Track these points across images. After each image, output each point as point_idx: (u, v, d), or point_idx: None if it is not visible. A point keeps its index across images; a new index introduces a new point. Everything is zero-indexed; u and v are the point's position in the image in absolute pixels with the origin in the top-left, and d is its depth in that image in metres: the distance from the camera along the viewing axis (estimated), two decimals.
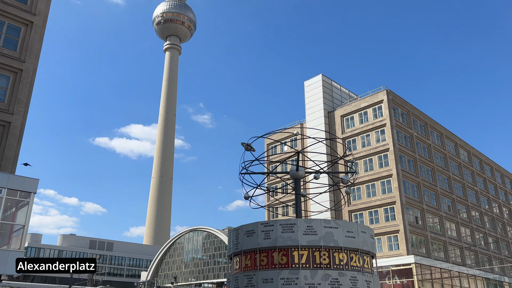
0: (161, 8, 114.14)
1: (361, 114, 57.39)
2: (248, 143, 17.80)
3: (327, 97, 61.06)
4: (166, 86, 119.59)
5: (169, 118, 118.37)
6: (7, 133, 25.79)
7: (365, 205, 53.27)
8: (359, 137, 56.64)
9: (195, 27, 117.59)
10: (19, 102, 26.67)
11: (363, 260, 17.06)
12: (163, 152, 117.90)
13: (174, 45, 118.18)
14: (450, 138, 67.22)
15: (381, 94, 55.65)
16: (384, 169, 52.78)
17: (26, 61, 27.74)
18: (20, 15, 28.42)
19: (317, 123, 59.20)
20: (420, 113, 61.34)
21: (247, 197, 20.06)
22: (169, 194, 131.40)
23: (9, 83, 27.05)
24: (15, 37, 28.21)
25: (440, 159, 62.86)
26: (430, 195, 57.39)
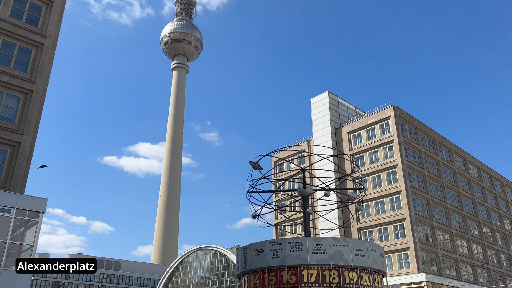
0: (169, 28, 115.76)
1: (368, 131, 57.26)
2: (256, 162, 17.81)
3: (334, 114, 61.10)
4: (173, 105, 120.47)
5: (176, 136, 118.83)
6: (17, 153, 26.05)
7: (374, 222, 52.72)
8: (367, 153, 56.40)
9: (202, 46, 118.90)
10: (29, 123, 26.99)
11: (373, 279, 16.81)
12: (171, 170, 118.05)
13: (182, 64, 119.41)
14: (458, 153, 66.71)
15: (388, 110, 55.59)
16: (392, 186, 52.36)
17: (37, 82, 28.17)
18: (31, 37, 28.98)
19: (324, 140, 59.11)
20: (428, 129, 61.08)
21: (255, 216, 19.97)
22: (176, 212, 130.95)
23: (19, 103, 27.43)
24: (26, 59, 28.72)
25: (449, 175, 62.30)
26: (440, 212, 56.71)
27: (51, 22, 30.26)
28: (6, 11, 28.73)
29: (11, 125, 26.60)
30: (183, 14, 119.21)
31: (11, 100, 27.31)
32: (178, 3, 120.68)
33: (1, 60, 27.66)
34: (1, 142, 25.82)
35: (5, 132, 26.04)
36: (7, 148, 26.09)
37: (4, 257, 21.42)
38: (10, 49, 28.27)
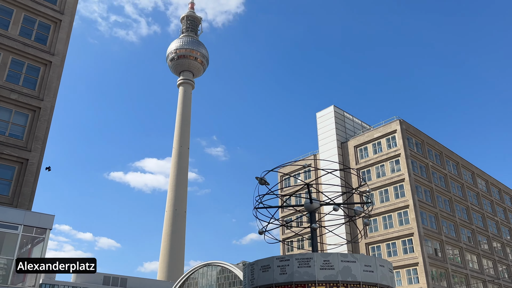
0: (175, 45, 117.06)
1: (374, 145, 57.07)
2: (262, 177, 17.78)
3: (339, 128, 61.05)
4: (179, 120, 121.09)
5: (182, 152, 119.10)
6: (25, 169, 26.22)
7: (382, 237, 52.17)
8: (374, 167, 56.12)
9: (208, 62, 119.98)
10: (36, 139, 27.21)
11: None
12: (177, 185, 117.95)
13: (188, 80, 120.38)
14: (466, 167, 66.18)
15: (394, 124, 55.47)
16: (400, 200, 51.93)
17: (44, 99, 28.48)
18: (39, 55, 29.42)
19: (330, 154, 58.96)
20: (435, 143, 60.79)
21: (262, 232, 19.86)
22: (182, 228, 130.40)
23: (27, 121, 27.72)
24: (34, 77, 29.11)
25: (457, 188, 61.73)
26: (449, 226, 56.05)
27: (60, 40, 30.73)
28: (16, 30, 29.25)
29: (19, 142, 26.83)
30: (189, 30, 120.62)
31: (20, 117, 27.61)
32: (184, 20, 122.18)
33: (10, 78, 28.05)
34: (9, 159, 26.03)
35: (13, 149, 26.26)
36: (15, 165, 26.29)
37: (11, 274, 21.39)
38: (19, 67, 28.69)
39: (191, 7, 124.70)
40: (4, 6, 29.42)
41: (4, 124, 26.93)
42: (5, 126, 26.95)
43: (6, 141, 26.37)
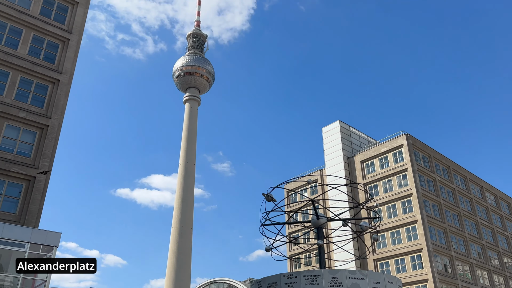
0: (181, 62, 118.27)
1: (381, 159, 56.82)
2: (269, 194, 17.71)
3: (346, 143, 60.92)
4: (186, 136, 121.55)
5: (188, 168, 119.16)
6: (32, 187, 26.34)
7: (391, 253, 51.52)
8: (381, 182, 55.75)
9: (214, 78, 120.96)
10: (44, 157, 27.39)
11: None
12: (183, 201, 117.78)
13: (194, 97, 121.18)
14: (474, 181, 65.57)
15: (400, 139, 55.28)
16: (408, 215, 51.41)
17: (52, 117, 28.75)
18: (47, 74, 29.82)
19: (337, 169, 58.72)
20: (442, 157, 60.41)
21: (269, 249, 19.70)
22: (189, 244, 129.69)
23: (35, 138, 27.95)
24: (42, 95, 29.45)
25: (466, 203, 61.07)
26: (458, 242, 55.29)
27: (67, 59, 31.17)
28: (25, 50, 29.73)
29: (26, 160, 27.02)
30: (195, 48, 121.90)
31: (28, 135, 27.87)
32: (190, 37, 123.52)
33: (19, 96, 28.41)
34: (17, 177, 26.19)
35: (21, 166, 26.43)
36: (22, 182, 26.43)
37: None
38: (27, 86, 29.07)
39: (196, 25, 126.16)
40: (14, 26, 29.98)
41: (12, 142, 27.17)
42: (13, 144, 27.18)
43: (14, 158, 26.57)
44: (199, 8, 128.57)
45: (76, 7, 33.41)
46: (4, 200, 25.72)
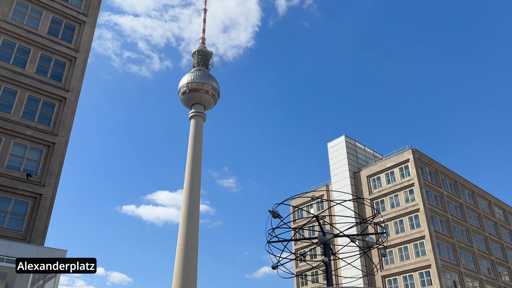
0: (186, 79, 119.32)
1: (387, 174, 56.49)
2: (275, 211, 17.62)
3: (351, 158, 60.71)
4: (191, 152, 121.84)
5: (194, 184, 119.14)
6: (38, 205, 26.38)
7: (399, 269, 50.82)
8: (387, 197, 55.34)
9: (219, 95, 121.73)
10: (50, 174, 27.49)
11: None
12: (189, 218, 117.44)
13: (199, 113, 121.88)
14: (482, 196, 64.91)
15: (406, 153, 55.03)
16: (415, 231, 50.84)
17: (59, 135, 28.95)
18: (54, 92, 30.13)
19: (343, 185, 58.41)
20: (449, 171, 59.97)
21: (275, 266, 19.52)
22: (194, 261, 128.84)
23: (42, 156, 28.10)
24: (49, 113, 29.71)
25: (474, 218, 60.35)
26: (467, 257, 54.48)
27: (74, 77, 31.52)
28: (33, 68, 30.12)
29: (33, 177, 27.12)
30: (200, 65, 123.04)
31: (34, 152, 28.03)
32: (195, 55, 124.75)
33: (26, 114, 28.68)
34: (23, 194, 26.27)
35: (28, 184, 26.53)
36: (28, 200, 26.49)
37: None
38: (35, 104, 29.36)
39: (202, 42, 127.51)
40: (23, 45, 30.44)
41: (19, 159, 27.33)
42: (20, 161, 27.34)
43: (21, 176, 26.69)
44: (204, 25, 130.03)
45: (83, 26, 33.93)
46: (11, 218, 25.76)
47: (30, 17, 31.76)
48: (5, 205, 25.83)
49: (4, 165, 26.52)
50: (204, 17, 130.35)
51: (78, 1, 34.83)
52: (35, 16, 32.02)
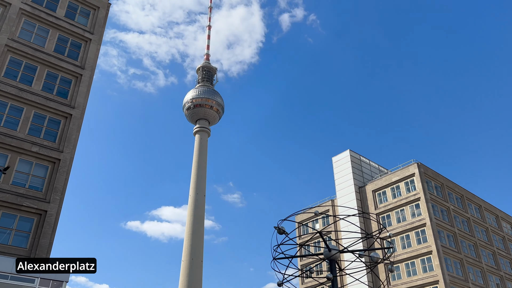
0: (191, 95, 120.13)
1: (393, 189, 56.15)
2: (281, 227, 17.52)
3: (356, 172, 60.46)
4: (195, 168, 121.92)
5: (199, 199, 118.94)
6: (43, 221, 26.37)
7: (406, 285, 50.12)
8: (394, 212, 54.91)
9: (223, 110, 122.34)
10: (55, 191, 27.54)
11: None
12: (193, 234, 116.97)
13: (203, 128, 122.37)
14: (489, 210, 64.26)
15: (412, 168, 54.76)
16: (422, 246, 50.27)
17: (64, 151, 29.09)
18: (60, 109, 30.39)
19: (348, 199, 58.07)
20: (455, 185, 59.53)
21: (281, 284, 19.32)
22: (199, 278, 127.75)
23: (47, 172, 28.20)
24: (55, 129, 29.92)
25: (482, 233, 59.65)
26: (476, 273, 53.69)
27: (80, 93, 31.81)
28: (39, 86, 30.46)
29: (38, 194, 27.19)
30: (205, 80, 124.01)
31: (40, 169, 28.15)
32: (200, 70, 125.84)
33: (32, 131, 28.89)
34: (28, 211, 26.29)
35: (33, 201, 26.58)
36: (33, 216, 26.51)
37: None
38: (40, 121, 29.60)
39: (206, 58, 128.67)
40: (29, 63, 30.84)
41: (24, 176, 27.44)
42: (26, 178, 27.44)
43: (26, 193, 26.77)
44: (209, 42, 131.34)
45: (89, 43, 34.38)
46: (15, 235, 25.75)
47: (37, 35, 32.25)
48: (10, 222, 25.86)
49: (10, 182, 26.63)
50: (208, 34, 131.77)
51: (84, 19, 35.38)
52: (42, 35, 32.51)
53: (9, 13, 31.29)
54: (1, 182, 26.30)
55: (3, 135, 27.48)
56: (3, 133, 27.55)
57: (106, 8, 36.99)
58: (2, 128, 27.83)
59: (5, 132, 27.72)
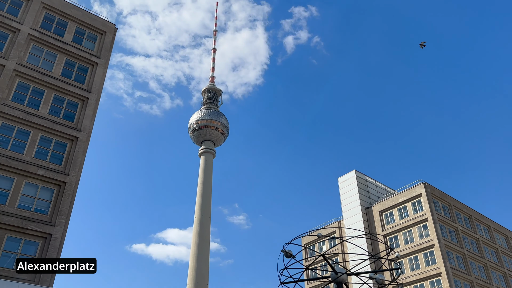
0: (196, 116, 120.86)
1: (400, 209, 55.59)
2: (288, 250, 17.33)
3: (363, 193, 60.03)
4: (201, 189, 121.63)
5: (204, 221, 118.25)
6: (48, 245, 26.26)
7: None
8: (401, 233, 54.21)
9: (228, 131, 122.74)
10: (61, 214, 27.51)
11: None
12: (198, 256, 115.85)
13: (209, 149, 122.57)
14: (499, 231, 63.31)
15: (418, 188, 54.32)
16: (431, 268, 49.40)
17: (70, 174, 29.17)
18: (67, 132, 30.62)
19: (355, 220, 57.50)
20: (463, 206, 58.87)
21: None
22: None
23: (52, 195, 28.22)
24: (61, 152, 30.08)
25: (492, 254, 58.63)
26: None
27: (86, 116, 32.10)
28: (46, 109, 30.79)
29: (43, 217, 27.15)
30: (210, 102, 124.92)
31: (45, 192, 28.18)
32: (205, 92, 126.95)
33: (38, 154, 29.06)
34: (33, 234, 26.21)
35: (38, 224, 26.53)
36: (38, 240, 26.41)
37: None
38: (47, 144, 29.80)
39: (211, 80, 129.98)
40: (37, 87, 31.27)
41: (30, 199, 27.47)
42: (31, 201, 27.46)
43: (32, 216, 26.74)
44: (214, 64, 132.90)
45: (96, 67, 34.87)
46: None
47: (45, 60, 32.78)
48: (15, 246, 25.76)
49: (16, 205, 26.65)
50: (213, 56, 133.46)
51: (91, 44, 35.98)
52: (50, 59, 33.05)
53: (18, 39, 31.92)
54: (6, 205, 26.33)
55: (10, 158, 27.65)
56: (10, 157, 27.72)
57: (112, 32, 37.65)
58: (9, 152, 28.02)
59: (12, 155, 27.90)
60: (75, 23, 35.81)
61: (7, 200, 26.47)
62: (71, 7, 36.10)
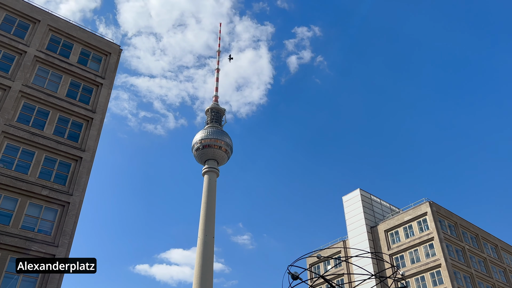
0: (200, 136, 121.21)
1: (405, 228, 54.99)
2: (294, 272, 17.12)
3: (368, 212, 59.52)
4: (204, 208, 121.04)
5: (207, 241, 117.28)
6: None
7: None
8: (407, 252, 53.51)
9: (232, 150, 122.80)
10: (64, 234, 27.38)
11: None
12: (202, 277, 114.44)
13: (212, 169, 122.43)
14: (506, 250, 62.40)
15: (424, 206, 53.83)
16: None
17: (74, 194, 29.14)
18: (71, 152, 30.71)
19: (360, 240, 56.86)
20: (469, 224, 58.19)
21: None
22: None
23: (56, 216, 28.14)
24: (65, 172, 30.12)
25: (500, 273, 57.66)
26: None
27: (91, 137, 32.24)
28: (50, 130, 30.97)
29: (47, 238, 27.02)
30: (213, 121, 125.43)
31: (49, 212, 28.11)
32: (209, 112, 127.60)
33: (43, 174, 29.09)
34: (36, 256, 26.02)
35: (41, 245, 26.38)
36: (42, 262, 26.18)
37: None
38: (51, 164, 29.87)
39: (215, 100, 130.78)
40: (42, 108, 31.52)
41: (33, 220, 27.38)
42: (35, 222, 27.37)
43: (35, 237, 26.61)
44: (217, 84, 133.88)
45: (100, 88, 35.19)
46: (23, 280, 25.38)
47: (50, 81, 33.14)
48: None
49: (19, 226, 26.56)
50: (217, 76, 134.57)
51: (96, 65, 36.41)
52: (55, 80, 33.40)
53: (24, 61, 32.34)
54: (10, 226, 26.25)
55: (14, 179, 27.68)
56: (14, 177, 27.77)
57: (117, 54, 38.11)
58: (13, 172, 28.08)
59: (16, 176, 27.95)
60: (80, 45, 36.31)
61: (10, 221, 26.40)
62: (76, 29, 36.66)
